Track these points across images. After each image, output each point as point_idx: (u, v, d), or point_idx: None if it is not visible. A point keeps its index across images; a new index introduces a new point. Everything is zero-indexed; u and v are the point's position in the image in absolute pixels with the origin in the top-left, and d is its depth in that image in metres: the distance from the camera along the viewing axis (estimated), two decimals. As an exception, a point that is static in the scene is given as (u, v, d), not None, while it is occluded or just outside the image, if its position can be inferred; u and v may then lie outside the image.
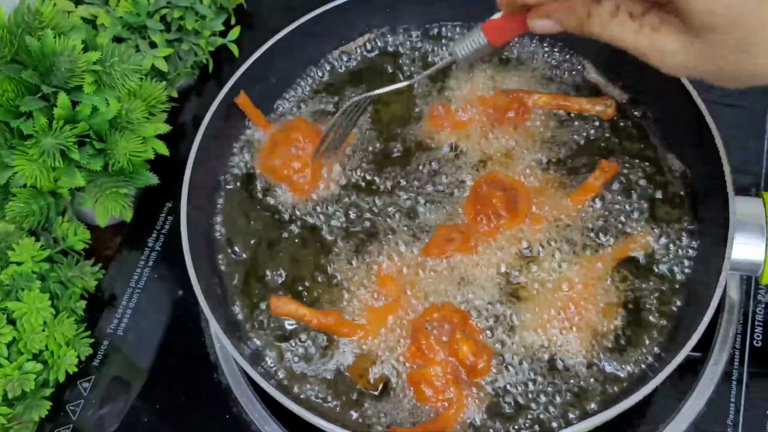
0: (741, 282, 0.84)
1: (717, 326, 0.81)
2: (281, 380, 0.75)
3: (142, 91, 0.87)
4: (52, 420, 0.81)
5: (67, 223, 0.87)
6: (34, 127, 0.79)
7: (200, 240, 0.81)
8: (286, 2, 1.01)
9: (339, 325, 0.76)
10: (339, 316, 0.76)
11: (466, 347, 0.72)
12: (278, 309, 0.76)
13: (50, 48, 0.79)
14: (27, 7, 0.82)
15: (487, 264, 0.78)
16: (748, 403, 0.78)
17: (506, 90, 0.88)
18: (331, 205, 0.84)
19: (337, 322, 0.76)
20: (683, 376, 0.79)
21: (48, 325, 0.79)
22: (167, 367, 0.84)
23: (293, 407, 0.69)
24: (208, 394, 0.82)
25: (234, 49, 1.02)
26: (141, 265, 0.91)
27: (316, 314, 0.76)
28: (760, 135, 0.93)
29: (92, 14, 0.94)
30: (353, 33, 0.95)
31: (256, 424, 0.80)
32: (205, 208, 0.84)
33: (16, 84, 0.79)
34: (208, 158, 0.84)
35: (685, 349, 0.68)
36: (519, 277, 0.77)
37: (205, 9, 0.98)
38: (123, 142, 0.82)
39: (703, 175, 0.79)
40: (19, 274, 0.80)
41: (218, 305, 0.78)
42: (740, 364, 0.80)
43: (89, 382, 0.84)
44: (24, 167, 0.79)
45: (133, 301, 0.88)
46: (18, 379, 0.77)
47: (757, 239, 0.73)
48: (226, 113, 0.86)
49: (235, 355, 0.71)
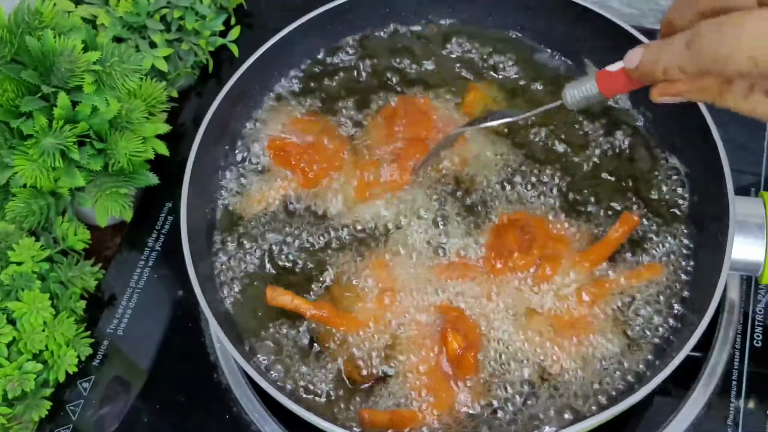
0: (741, 282, 0.84)
1: (717, 326, 0.81)
2: (280, 380, 0.75)
3: (142, 91, 0.87)
4: (52, 420, 0.81)
5: (67, 223, 0.87)
6: (34, 127, 0.79)
7: (200, 240, 0.81)
8: (286, 2, 1.01)
9: (334, 316, 0.76)
10: (333, 308, 0.77)
11: (456, 342, 0.73)
12: (274, 299, 0.76)
13: (50, 48, 0.79)
14: (27, 7, 0.81)
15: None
16: (748, 403, 0.78)
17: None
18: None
19: (332, 314, 0.76)
20: (683, 376, 0.79)
21: (48, 325, 0.79)
22: (167, 367, 0.84)
23: (292, 407, 0.69)
24: (208, 394, 0.82)
25: (234, 49, 1.02)
26: (141, 265, 0.91)
27: (309, 305, 0.76)
28: (760, 135, 0.93)
29: (92, 14, 0.94)
30: (353, 33, 0.96)
31: (256, 424, 0.80)
32: (206, 208, 0.84)
33: (16, 84, 0.79)
34: (209, 158, 0.84)
35: (685, 349, 0.68)
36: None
37: (205, 9, 0.98)
38: (123, 142, 0.82)
39: (703, 175, 0.79)
40: (19, 274, 0.80)
41: (218, 305, 0.78)
42: (740, 364, 0.80)
43: (89, 382, 0.84)
44: (24, 167, 0.79)
45: (133, 301, 0.88)
46: (18, 379, 0.77)
47: (757, 239, 0.73)
48: (227, 113, 0.86)
49: (235, 355, 0.71)
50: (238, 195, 0.86)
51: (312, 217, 0.84)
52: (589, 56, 0.91)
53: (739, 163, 0.87)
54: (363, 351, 0.75)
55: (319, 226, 0.83)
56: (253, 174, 0.88)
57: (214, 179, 0.87)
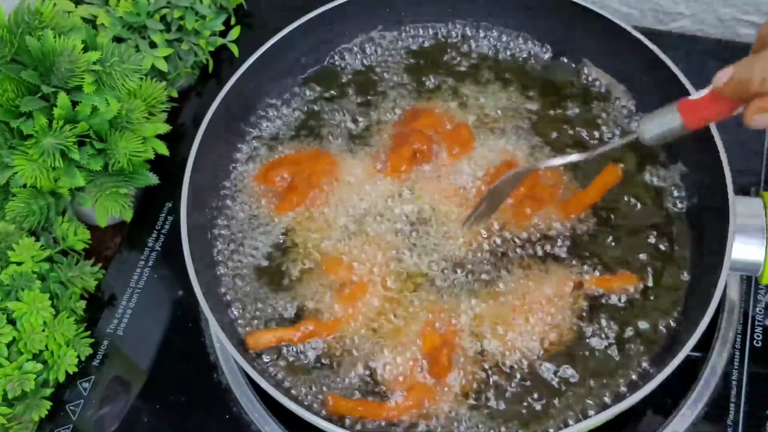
0: (741, 282, 0.84)
1: (717, 326, 0.81)
2: (281, 380, 0.75)
3: (142, 91, 0.87)
4: (52, 420, 0.81)
5: (67, 223, 0.87)
6: (34, 127, 0.79)
7: (200, 240, 0.81)
8: (287, 2, 1.01)
9: (320, 328, 0.77)
10: (317, 321, 0.77)
11: (432, 338, 0.74)
12: (257, 345, 0.76)
13: (50, 48, 0.79)
14: (27, 7, 0.81)
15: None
16: (747, 403, 0.78)
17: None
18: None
19: (317, 327, 0.77)
20: (683, 377, 0.78)
21: (48, 325, 0.79)
22: (167, 367, 0.84)
23: (292, 406, 0.69)
24: (208, 394, 0.82)
25: (234, 49, 1.02)
26: (141, 265, 0.91)
27: (292, 331, 0.76)
28: (760, 135, 0.93)
29: (92, 14, 0.94)
30: (353, 33, 0.95)
31: (256, 424, 0.80)
32: (205, 208, 0.84)
33: (16, 84, 0.79)
34: (208, 158, 0.84)
35: (685, 349, 0.68)
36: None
37: (206, 9, 0.98)
38: (123, 142, 0.82)
39: (703, 175, 0.79)
40: (19, 274, 0.80)
41: (218, 305, 0.78)
42: (740, 364, 0.80)
43: (89, 382, 0.84)
44: (24, 167, 0.79)
45: (133, 301, 0.88)
46: (18, 379, 0.77)
47: (757, 239, 0.73)
48: (226, 113, 0.86)
49: (235, 355, 0.71)
50: (238, 193, 0.87)
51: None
52: (589, 56, 0.91)
53: (739, 163, 0.87)
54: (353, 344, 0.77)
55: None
56: (252, 174, 0.88)
57: (215, 179, 0.87)
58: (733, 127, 0.89)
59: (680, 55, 0.90)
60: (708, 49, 1.01)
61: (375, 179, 0.85)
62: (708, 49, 1.00)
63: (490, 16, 0.94)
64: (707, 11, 1.03)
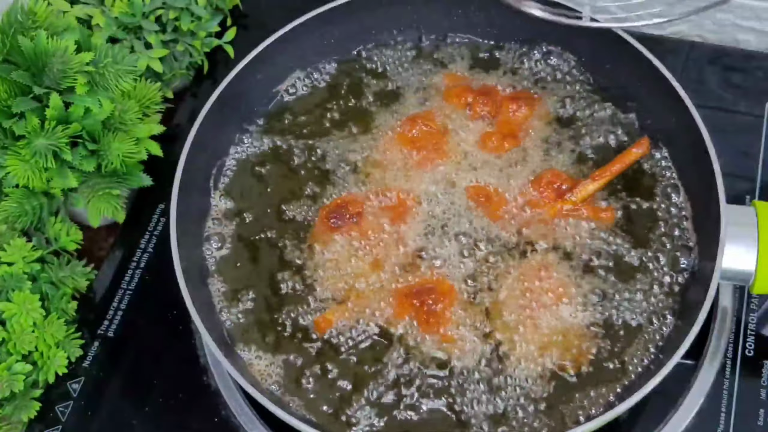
0: (734, 290, 0.84)
1: (709, 335, 0.81)
2: (270, 386, 0.75)
3: (136, 92, 0.87)
4: (41, 421, 0.81)
5: (59, 224, 0.87)
6: (26, 127, 0.78)
7: (190, 242, 0.81)
8: (283, 3, 1.01)
9: (324, 323, 0.77)
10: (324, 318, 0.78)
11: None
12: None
13: (43, 48, 0.78)
14: (20, 6, 0.81)
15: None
16: (739, 412, 0.78)
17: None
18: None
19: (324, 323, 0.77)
20: (674, 385, 0.78)
21: (38, 326, 0.79)
22: (157, 369, 0.84)
23: (280, 413, 0.69)
24: (197, 397, 0.82)
25: (229, 50, 1.02)
26: (133, 266, 0.90)
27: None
28: (756, 141, 0.93)
29: (87, 14, 0.94)
30: (351, 33, 0.95)
31: (245, 428, 0.79)
32: (197, 210, 0.84)
33: (8, 84, 0.79)
34: (201, 159, 0.84)
35: (675, 357, 0.67)
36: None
37: (201, 10, 0.98)
38: (116, 143, 0.82)
39: (695, 182, 0.79)
40: (9, 275, 0.80)
41: (207, 309, 0.78)
42: (731, 373, 0.79)
43: (79, 383, 0.83)
44: (16, 167, 0.79)
45: (124, 303, 0.88)
46: (7, 380, 0.77)
47: (749, 249, 0.72)
48: (220, 114, 0.86)
49: (225, 364, 0.71)
50: (230, 195, 0.86)
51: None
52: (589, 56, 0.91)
53: (734, 169, 0.87)
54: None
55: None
56: (246, 174, 0.88)
57: (206, 180, 0.87)
58: (729, 133, 0.90)
59: (679, 60, 0.89)
60: (706, 54, 1.00)
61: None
62: (706, 55, 1.00)
63: (486, 20, 0.94)
64: (705, 16, 1.03)
